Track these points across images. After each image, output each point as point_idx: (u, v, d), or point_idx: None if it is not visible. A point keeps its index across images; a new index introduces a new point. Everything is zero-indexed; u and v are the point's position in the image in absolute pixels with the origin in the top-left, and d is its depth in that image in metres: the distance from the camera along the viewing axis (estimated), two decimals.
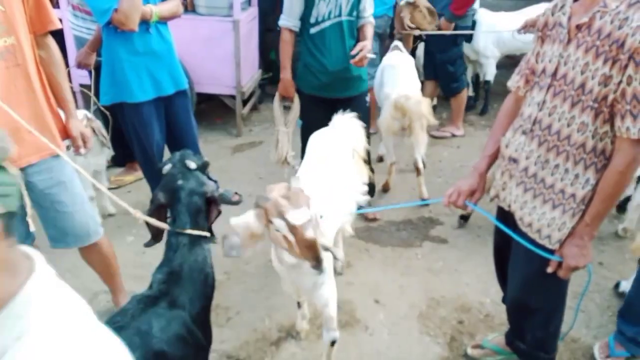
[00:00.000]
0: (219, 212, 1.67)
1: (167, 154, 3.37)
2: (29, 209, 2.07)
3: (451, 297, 2.75)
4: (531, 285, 1.84)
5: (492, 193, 1.94)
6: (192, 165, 1.59)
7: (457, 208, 2.00)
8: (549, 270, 1.73)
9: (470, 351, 2.37)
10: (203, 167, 1.65)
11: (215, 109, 5.21)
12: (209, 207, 1.63)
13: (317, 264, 1.55)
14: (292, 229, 1.52)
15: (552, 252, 1.73)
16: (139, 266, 2.99)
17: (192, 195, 1.57)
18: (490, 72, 5.15)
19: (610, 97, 1.54)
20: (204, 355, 1.56)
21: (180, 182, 1.58)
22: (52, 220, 2.17)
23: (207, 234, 1.59)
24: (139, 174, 3.73)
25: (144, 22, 2.86)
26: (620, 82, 1.51)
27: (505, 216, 1.88)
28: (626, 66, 1.48)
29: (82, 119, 3.07)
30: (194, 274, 1.52)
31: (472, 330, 2.51)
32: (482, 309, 2.66)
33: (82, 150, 2.22)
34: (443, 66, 4.66)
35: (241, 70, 4.54)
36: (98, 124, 3.04)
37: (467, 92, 5.01)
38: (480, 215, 3.29)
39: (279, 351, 2.39)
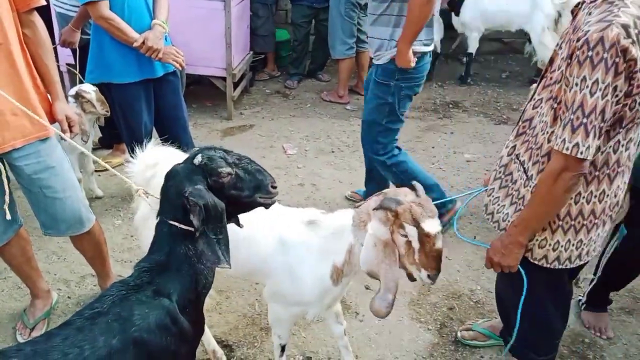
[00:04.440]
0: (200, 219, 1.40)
1: (155, 136, 3.33)
2: (7, 197, 2.01)
3: (442, 284, 2.74)
4: (503, 278, 1.81)
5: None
6: (197, 159, 1.42)
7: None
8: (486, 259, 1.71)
9: (460, 334, 2.37)
10: (209, 171, 1.43)
11: (205, 92, 5.13)
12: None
13: (437, 275, 1.52)
14: (425, 237, 1.47)
15: None
16: (126, 250, 2.95)
17: (172, 186, 1.42)
18: (472, 45, 5.43)
19: (563, 99, 1.41)
20: (190, 345, 1.49)
21: (174, 169, 1.45)
22: (43, 206, 2.10)
23: (185, 227, 1.40)
24: (127, 156, 3.65)
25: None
26: (562, 81, 1.40)
27: None
28: (569, 66, 1.37)
29: (96, 89, 2.98)
30: (182, 267, 1.41)
31: (462, 317, 2.51)
32: (472, 296, 2.65)
33: (68, 135, 2.11)
34: None
35: (232, 52, 4.46)
36: (92, 96, 2.95)
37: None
38: (472, 203, 3.29)
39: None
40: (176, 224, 1.40)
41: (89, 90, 2.95)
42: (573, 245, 1.59)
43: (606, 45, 1.27)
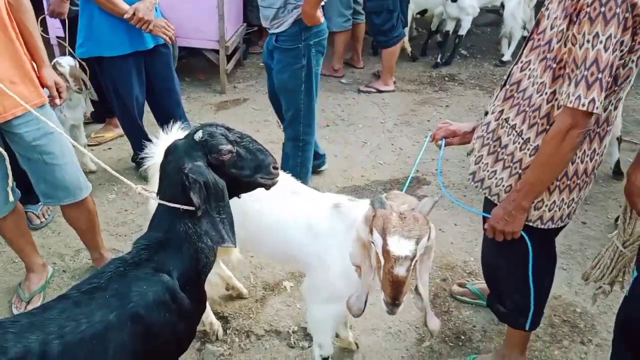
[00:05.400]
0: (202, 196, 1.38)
1: (148, 110, 3.30)
2: (9, 172, 2.01)
3: (435, 255, 2.73)
4: (489, 245, 1.81)
5: (469, 146, 1.90)
6: (198, 135, 1.39)
7: (433, 141, 1.93)
8: (485, 226, 1.71)
9: (452, 288, 2.50)
10: (209, 148, 1.39)
11: (198, 65, 5.06)
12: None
13: (392, 305, 1.36)
14: (386, 254, 1.33)
15: None
16: (121, 224, 2.95)
17: (171, 161, 1.40)
18: (465, 27, 5.28)
19: (565, 59, 1.42)
20: (190, 322, 1.49)
21: (174, 144, 1.42)
22: (42, 174, 2.12)
23: (183, 206, 1.38)
24: (120, 130, 3.63)
25: None
26: (569, 40, 1.40)
27: None
28: (574, 24, 1.38)
29: (74, 64, 2.97)
30: (181, 245, 1.40)
31: None
32: (465, 267, 2.68)
33: (57, 101, 2.14)
34: (369, 16, 4.61)
35: (225, 23, 4.38)
36: (65, 70, 2.93)
37: (402, 46, 4.95)
38: (466, 175, 3.30)
39: (263, 308, 2.40)
40: (176, 205, 1.37)
41: (65, 64, 2.92)
42: (565, 203, 1.62)
43: (618, 1, 1.30)
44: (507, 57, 5.35)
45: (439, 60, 5.34)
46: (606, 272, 1.78)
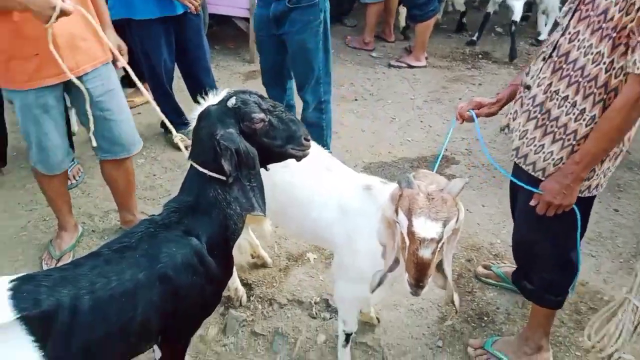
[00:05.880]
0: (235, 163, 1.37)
1: (178, 76, 3.29)
2: (92, 124, 2.12)
3: (462, 236, 2.70)
4: (531, 221, 1.77)
5: (503, 122, 1.86)
6: (231, 102, 1.38)
7: (460, 117, 1.91)
8: (532, 203, 1.67)
9: (477, 269, 2.49)
10: (242, 115, 1.38)
11: (228, 33, 5.02)
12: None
13: (416, 287, 1.32)
14: (411, 235, 1.29)
15: None
16: (149, 188, 2.98)
17: (204, 127, 1.39)
18: (517, 11, 4.84)
19: (629, 27, 1.40)
20: (217, 286, 1.50)
21: (207, 109, 1.42)
22: (101, 130, 2.20)
23: (214, 174, 1.38)
24: (150, 96, 3.64)
25: None
26: (639, 9, 1.37)
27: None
28: None
29: None
30: (211, 210, 1.40)
31: None
32: (492, 249, 2.64)
33: (119, 63, 2.13)
34: None
35: None
36: None
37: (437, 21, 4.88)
38: (497, 156, 3.23)
39: (287, 277, 2.41)
40: (206, 171, 1.38)
41: None
42: (609, 170, 1.66)
43: None
44: (543, 35, 5.14)
45: (474, 38, 5.17)
46: (628, 338, 1.59)
